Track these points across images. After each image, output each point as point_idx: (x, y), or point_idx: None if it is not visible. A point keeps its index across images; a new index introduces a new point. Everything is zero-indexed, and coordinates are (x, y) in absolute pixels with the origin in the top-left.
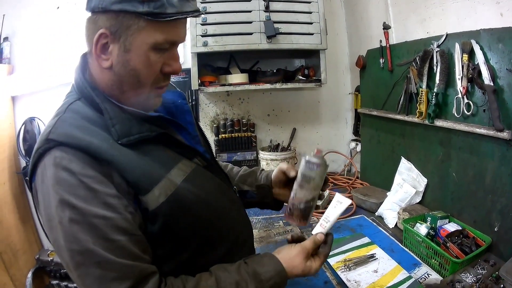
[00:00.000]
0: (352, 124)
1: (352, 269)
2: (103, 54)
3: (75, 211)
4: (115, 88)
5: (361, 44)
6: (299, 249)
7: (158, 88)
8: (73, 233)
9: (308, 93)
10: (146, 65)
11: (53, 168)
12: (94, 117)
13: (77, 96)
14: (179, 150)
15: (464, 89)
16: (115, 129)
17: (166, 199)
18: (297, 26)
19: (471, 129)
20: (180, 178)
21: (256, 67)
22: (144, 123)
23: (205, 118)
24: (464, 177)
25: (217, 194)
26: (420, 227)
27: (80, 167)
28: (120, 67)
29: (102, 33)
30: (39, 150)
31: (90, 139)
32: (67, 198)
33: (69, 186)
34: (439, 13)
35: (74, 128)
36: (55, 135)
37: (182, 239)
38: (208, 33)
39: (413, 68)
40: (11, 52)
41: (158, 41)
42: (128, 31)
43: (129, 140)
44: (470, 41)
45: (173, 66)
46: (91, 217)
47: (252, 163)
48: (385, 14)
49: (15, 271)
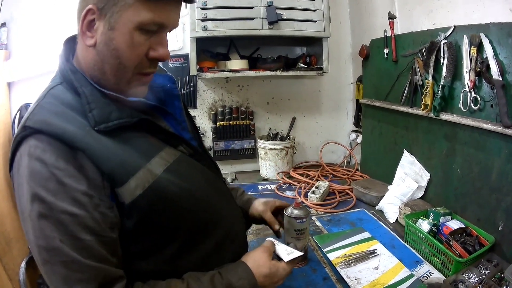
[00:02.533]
0: (353, 114)
1: (352, 265)
2: (88, 31)
3: (44, 205)
4: (97, 69)
5: (364, 34)
6: (261, 249)
7: (142, 75)
8: (41, 229)
9: (309, 81)
10: (129, 45)
11: (27, 158)
12: (73, 102)
13: (59, 80)
14: (163, 137)
15: (471, 82)
16: (92, 115)
17: (143, 191)
18: (300, 12)
19: (478, 124)
20: (161, 168)
21: (256, 53)
22: (125, 109)
23: (203, 105)
24: (469, 173)
25: (203, 184)
26: (422, 223)
27: (53, 158)
28: (103, 45)
29: (90, 9)
30: (17, 138)
31: (66, 126)
32: (37, 191)
33: (40, 178)
34: (446, 5)
35: (52, 115)
36: (32, 122)
37: (165, 234)
38: (208, 17)
39: (418, 59)
40: (8, 38)
41: (144, 21)
42: (114, 7)
43: (106, 127)
44: (479, 34)
45: (159, 51)
46: (59, 212)
47: (250, 152)
48: (390, 4)
49: (8, 260)
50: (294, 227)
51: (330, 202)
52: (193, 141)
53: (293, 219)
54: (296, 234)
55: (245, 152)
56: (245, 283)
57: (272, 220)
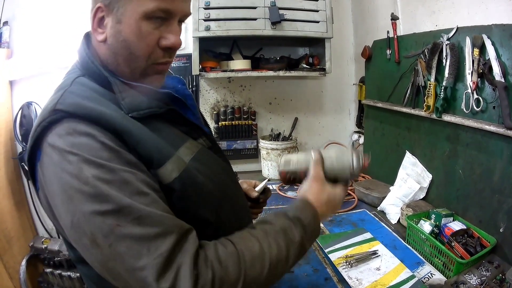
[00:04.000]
0: (355, 115)
1: (354, 266)
2: (99, 27)
3: (102, 169)
4: (110, 62)
5: (367, 35)
6: (310, 179)
7: (157, 65)
8: (103, 192)
9: (311, 82)
10: (137, 35)
11: (67, 136)
12: (101, 91)
13: (81, 72)
14: (186, 129)
15: (474, 84)
16: (125, 102)
17: (179, 175)
18: (303, 13)
19: (480, 126)
20: (188, 156)
21: (259, 54)
22: (152, 100)
23: (205, 104)
24: (471, 175)
25: (222, 175)
26: (424, 225)
27: (97, 132)
28: (112, 39)
29: (99, 7)
30: (43, 122)
31: (102, 109)
32: (90, 158)
33: (90, 148)
34: (449, 6)
35: (84, 99)
36: (64, 105)
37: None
38: (211, 17)
39: (421, 61)
40: (10, 36)
41: (148, 9)
42: (120, 1)
43: (139, 114)
44: (482, 36)
45: (170, 39)
46: (121, 171)
47: (252, 152)
48: (393, 5)
49: (8, 258)
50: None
51: None
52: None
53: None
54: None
55: (247, 152)
56: (308, 214)
57: (249, 188)
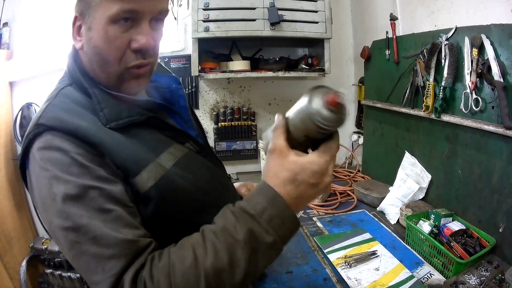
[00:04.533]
0: (354, 116)
1: (353, 266)
2: (78, 36)
3: (69, 185)
4: (89, 70)
5: (366, 35)
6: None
7: (132, 69)
8: (67, 209)
9: (311, 83)
10: (105, 40)
11: (44, 151)
12: (84, 101)
13: (69, 81)
14: (171, 134)
15: (473, 84)
16: (103, 113)
17: (155, 183)
18: (302, 13)
19: (479, 126)
20: (170, 162)
21: (258, 54)
22: (134, 107)
23: (204, 105)
24: (470, 175)
25: (209, 179)
26: (423, 225)
27: (71, 147)
28: (86, 46)
29: (76, 16)
30: (29, 135)
31: (78, 122)
32: (59, 175)
33: (61, 164)
34: (447, 6)
35: (64, 112)
36: (45, 119)
37: (175, 224)
38: (210, 18)
39: (420, 61)
40: (10, 37)
41: (112, 13)
42: (89, 9)
43: (117, 124)
44: (480, 36)
45: (140, 41)
46: (86, 188)
47: (251, 153)
48: (392, 5)
49: (9, 258)
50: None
51: (331, 203)
52: (199, 139)
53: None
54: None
55: (246, 153)
56: (260, 199)
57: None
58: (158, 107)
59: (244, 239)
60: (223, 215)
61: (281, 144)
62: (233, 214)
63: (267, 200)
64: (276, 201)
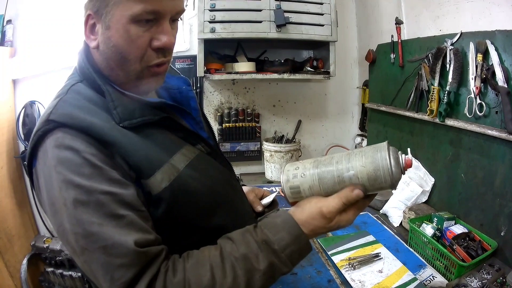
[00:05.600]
0: (358, 118)
1: (357, 268)
2: (92, 34)
3: (80, 190)
4: (104, 67)
5: (371, 38)
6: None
7: (152, 67)
8: (78, 215)
9: (315, 85)
10: (126, 40)
11: (55, 149)
12: (96, 99)
13: (79, 78)
14: (183, 135)
15: (477, 89)
16: (116, 112)
17: (169, 184)
18: (308, 16)
19: (483, 130)
20: (183, 163)
21: (263, 56)
22: (146, 107)
23: (209, 106)
24: (473, 179)
25: (220, 181)
26: (426, 228)
27: (83, 146)
28: (103, 45)
29: (89, 15)
30: (38, 132)
31: (92, 120)
32: (70, 178)
33: (72, 165)
34: (453, 11)
35: (76, 109)
36: (56, 115)
37: (185, 226)
38: (216, 19)
39: (425, 65)
40: (14, 34)
41: (135, 12)
42: (107, 7)
43: (131, 123)
44: (485, 41)
45: (161, 39)
46: (97, 193)
47: (255, 154)
48: (397, 9)
49: (9, 257)
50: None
51: None
52: (210, 140)
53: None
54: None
55: (250, 154)
56: (284, 235)
57: (255, 200)
58: (170, 108)
59: (264, 270)
60: (245, 241)
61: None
62: (256, 243)
63: (291, 237)
64: (300, 239)
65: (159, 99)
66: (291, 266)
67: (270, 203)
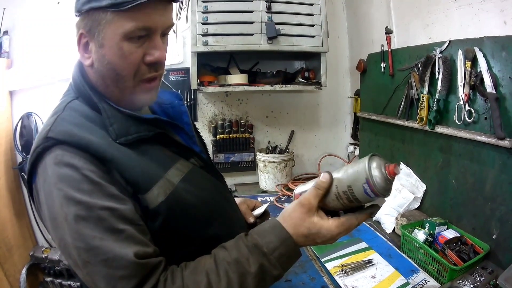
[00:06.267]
0: (350, 127)
1: (350, 274)
2: (85, 53)
3: (80, 206)
4: (100, 85)
5: (362, 48)
6: (296, 202)
7: (145, 82)
8: (79, 230)
9: (307, 95)
10: (120, 56)
11: (54, 166)
12: (92, 116)
13: (75, 95)
14: (176, 150)
15: (466, 96)
16: (112, 128)
17: (165, 198)
18: (299, 28)
19: (472, 137)
20: (178, 178)
21: (256, 68)
22: (141, 124)
23: (203, 118)
24: (464, 184)
25: (214, 193)
26: (418, 233)
27: (82, 162)
28: (98, 63)
29: (81, 33)
30: (37, 148)
31: (90, 137)
32: (71, 194)
33: (72, 181)
34: (442, 19)
35: (74, 126)
36: (55, 133)
37: (182, 238)
38: (209, 32)
39: (414, 74)
40: (10, 46)
41: (127, 30)
42: (99, 26)
43: (127, 140)
44: (473, 48)
45: (154, 54)
46: (97, 209)
47: (249, 165)
48: (387, 18)
49: (9, 266)
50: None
51: None
52: (203, 154)
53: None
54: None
55: (244, 164)
56: (272, 238)
57: (247, 212)
58: (164, 123)
59: (255, 272)
60: (236, 247)
61: (313, 204)
62: (247, 247)
63: (279, 240)
64: (287, 242)
65: (153, 115)
66: (280, 268)
67: (262, 214)
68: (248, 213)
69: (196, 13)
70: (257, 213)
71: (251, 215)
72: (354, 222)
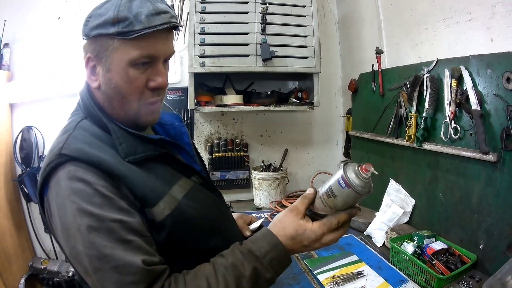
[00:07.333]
0: (343, 145)
1: (341, 285)
2: (92, 75)
3: (92, 217)
4: (107, 107)
5: (354, 68)
6: (286, 209)
7: (148, 104)
8: (91, 239)
9: (301, 114)
10: (126, 81)
11: (68, 181)
12: (101, 135)
13: (83, 115)
14: (179, 168)
15: (452, 113)
16: (122, 148)
17: (171, 212)
18: (292, 49)
19: (458, 152)
20: (181, 194)
21: (251, 88)
22: (147, 143)
23: (199, 136)
24: (451, 198)
25: (213, 208)
26: (407, 246)
27: (94, 178)
28: (105, 86)
29: (89, 57)
30: (51, 164)
31: (101, 155)
32: (84, 207)
33: (85, 195)
34: (431, 38)
35: (86, 144)
36: (68, 150)
37: (184, 249)
38: (206, 53)
39: (403, 93)
40: (11, 58)
41: (133, 57)
42: (106, 52)
43: (135, 158)
44: (459, 67)
45: (157, 80)
46: (108, 221)
47: (244, 182)
48: (378, 38)
49: (8, 275)
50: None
51: None
52: (203, 173)
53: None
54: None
55: (239, 182)
56: (264, 244)
57: (244, 226)
58: (167, 143)
59: (249, 275)
60: (232, 253)
61: (300, 209)
62: (242, 253)
63: (270, 245)
64: (277, 247)
65: (158, 136)
66: (272, 271)
67: (257, 228)
68: (245, 227)
69: (194, 34)
70: (253, 227)
71: (248, 229)
72: (333, 220)
